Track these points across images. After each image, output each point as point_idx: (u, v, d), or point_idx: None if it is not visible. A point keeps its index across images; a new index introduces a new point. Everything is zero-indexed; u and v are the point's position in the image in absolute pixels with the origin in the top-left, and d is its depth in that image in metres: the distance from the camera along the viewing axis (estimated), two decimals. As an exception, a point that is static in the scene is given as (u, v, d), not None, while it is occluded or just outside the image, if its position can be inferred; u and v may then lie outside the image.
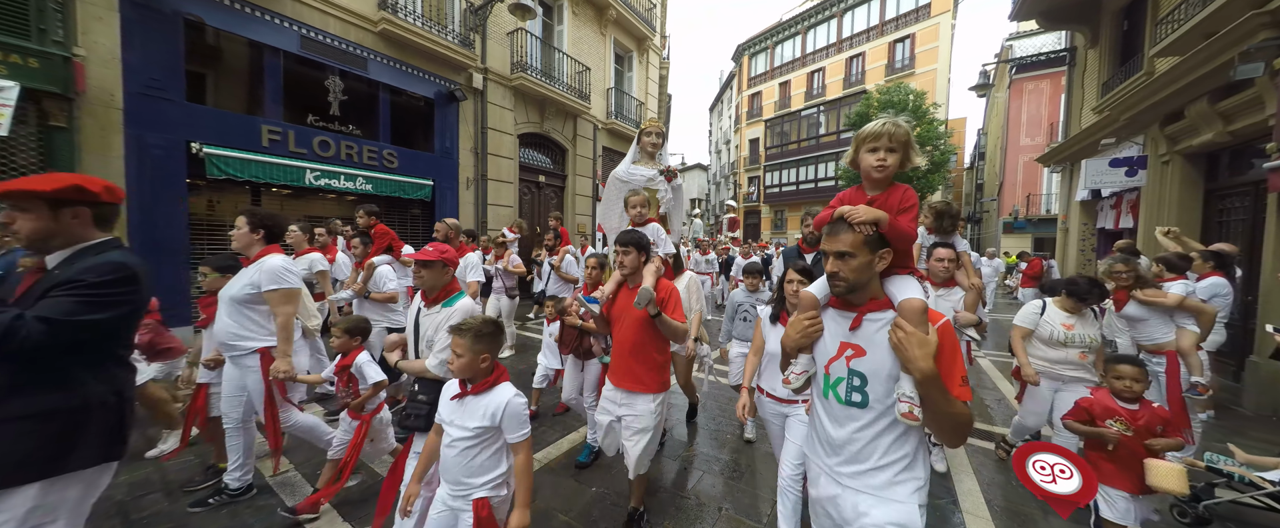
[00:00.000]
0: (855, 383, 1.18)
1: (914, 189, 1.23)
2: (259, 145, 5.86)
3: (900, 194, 1.19)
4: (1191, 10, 5.19)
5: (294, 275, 2.41)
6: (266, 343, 2.37)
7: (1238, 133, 4.83)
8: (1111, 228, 7.84)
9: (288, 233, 3.92)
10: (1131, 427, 1.91)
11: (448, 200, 8.30)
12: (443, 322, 1.95)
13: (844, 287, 1.15)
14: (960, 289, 2.82)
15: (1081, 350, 2.66)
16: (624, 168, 3.27)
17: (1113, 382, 2.03)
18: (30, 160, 4.29)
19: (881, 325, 1.15)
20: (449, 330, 1.66)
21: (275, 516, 2.31)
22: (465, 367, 1.56)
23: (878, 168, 1.18)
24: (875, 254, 1.13)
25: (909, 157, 1.18)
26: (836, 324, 1.23)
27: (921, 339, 1.05)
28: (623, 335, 2.23)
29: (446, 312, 1.99)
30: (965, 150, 27.64)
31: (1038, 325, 2.79)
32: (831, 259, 1.15)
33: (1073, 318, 2.70)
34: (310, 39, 6.26)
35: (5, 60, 3.99)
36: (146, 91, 4.91)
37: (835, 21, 23.20)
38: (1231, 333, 3.96)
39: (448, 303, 2.03)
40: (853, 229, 1.12)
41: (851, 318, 1.20)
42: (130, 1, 4.75)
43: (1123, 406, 1.99)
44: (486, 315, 1.73)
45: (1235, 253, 3.94)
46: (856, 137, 1.24)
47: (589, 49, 11.15)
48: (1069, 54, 9.56)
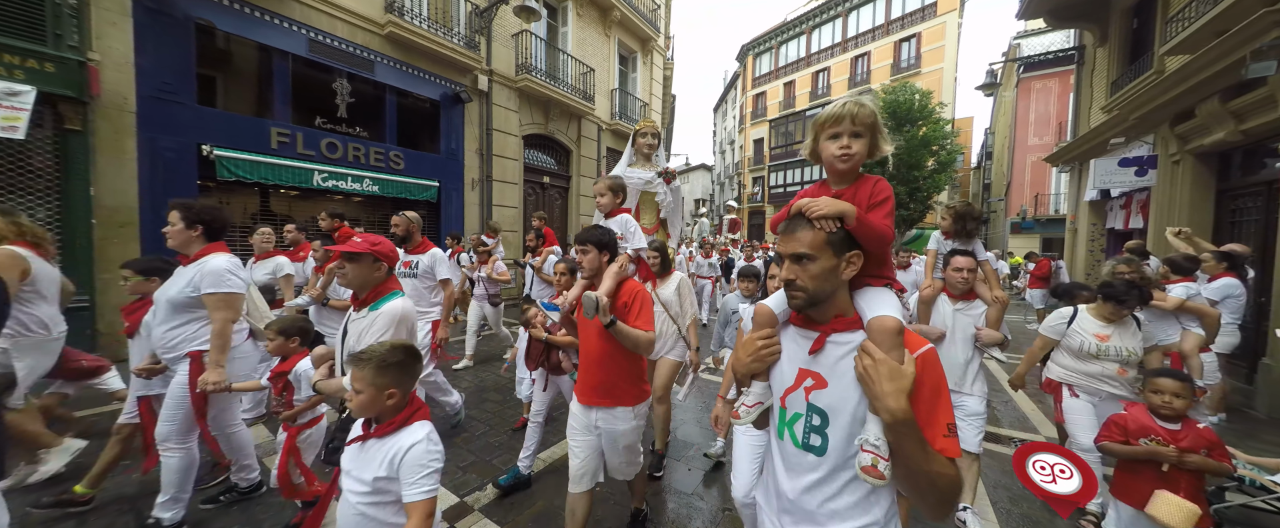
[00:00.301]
0: (814, 422, 0.95)
1: (888, 181, 1.03)
2: (268, 147, 5.94)
3: (871, 187, 1.01)
4: (1202, 8, 5.12)
5: (237, 279, 2.19)
6: (201, 347, 2.17)
7: (1250, 132, 4.76)
8: (1121, 228, 7.75)
9: (257, 234, 3.74)
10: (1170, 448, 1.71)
11: (453, 202, 8.36)
12: (366, 329, 1.69)
13: (803, 298, 0.93)
14: (982, 302, 2.46)
15: (1119, 365, 2.32)
16: (620, 171, 3.17)
17: (1150, 397, 1.81)
18: (46, 163, 4.39)
19: (848, 350, 0.93)
20: (348, 360, 1.34)
21: (283, 513, 2.34)
22: (365, 405, 1.26)
23: (841, 157, 1.00)
24: (841, 258, 0.92)
25: (878, 142, 1.01)
26: (796, 346, 1.01)
27: (893, 369, 0.84)
28: (588, 346, 1.97)
29: (371, 316, 1.71)
30: (972, 150, 27.40)
31: (1066, 336, 2.47)
32: (787, 263, 0.94)
33: (1109, 327, 2.38)
34: (318, 42, 6.35)
35: (22, 65, 4.08)
36: (159, 95, 5.00)
37: (840, 21, 23.11)
38: (1244, 335, 3.91)
39: (376, 305, 1.74)
40: (812, 226, 0.92)
41: (814, 339, 0.98)
42: (143, 6, 4.84)
43: (1162, 425, 1.75)
44: (398, 340, 1.42)
45: (1248, 253, 3.89)
46: (814, 122, 1.04)
47: (593, 50, 11.19)
48: (1077, 52, 9.47)
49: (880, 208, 0.99)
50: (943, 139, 15.65)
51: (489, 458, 3.01)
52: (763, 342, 1.03)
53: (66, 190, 4.45)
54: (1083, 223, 9.29)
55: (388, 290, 1.80)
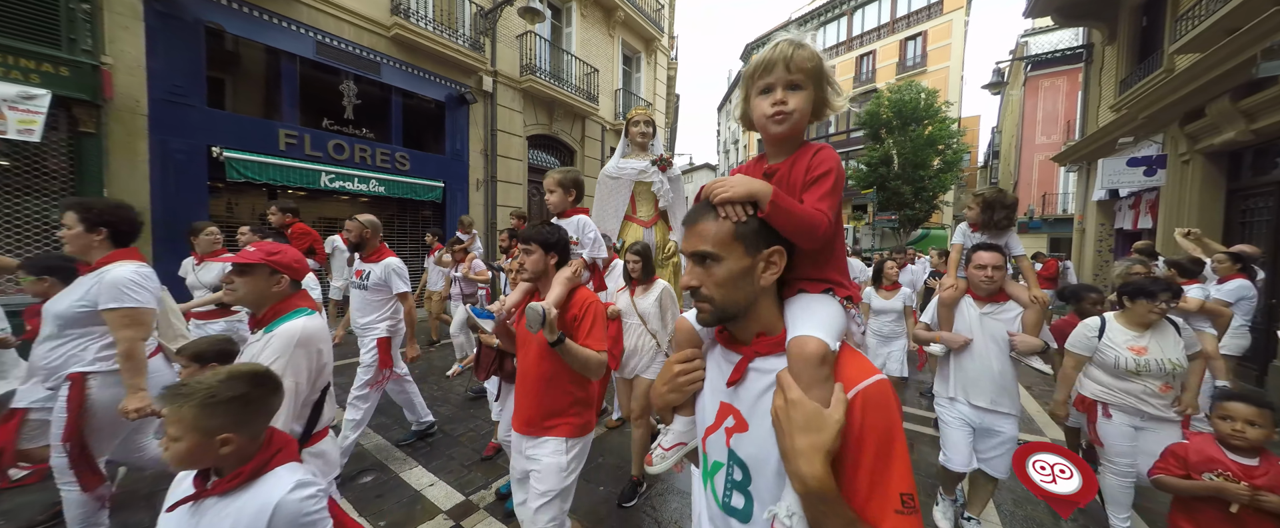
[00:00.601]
0: (735, 476, 0.74)
1: (834, 149, 0.80)
2: (276, 149, 6.02)
3: (810, 158, 0.76)
4: (1212, 6, 5.06)
5: (145, 291, 1.86)
6: (86, 369, 1.84)
7: (1261, 131, 4.71)
8: (1129, 228, 7.68)
9: (203, 233, 3.38)
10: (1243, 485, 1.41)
11: (458, 202, 8.42)
12: (256, 358, 1.36)
13: (710, 311, 0.73)
14: (1017, 304, 2.12)
15: (1162, 381, 1.99)
16: (614, 163, 2.98)
17: (1218, 424, 1.51)
18: (61, 166, 4.47)
19: (772, 382, 0.70)
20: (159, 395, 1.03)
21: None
22: (185, 456, 0.94)
23: (776, 117, 0.76)
24: (757, 256, 0.70)
25: (826, 97, 0.78)
26: (719, 373, 0.80)
27: (809, 416, 0.60)
28: (526, 365, 1.66)
29: (264, 340, 1.39)
30: (979, 149, 27.18)
31: (1098, 351, 2.14)
32: (689, 265, 0.74)
33: (1143, 336, 2.05)
34: (325, 44, 6.41)
35: (37, 69, 4.16)
36: (170, 98, 5.07)
37: (845, 20, 22.99)
38: (1255, 337, 3.86)
39: (271, 327, 1.41)
40: (717, 214, 0.71)
41: (736, 362, 0.76)
42: (154, 10, 4.91)
43: (1232, 458, 1.47)
44: (243, 367, 1.07)
45: (1257, 254, 3.84)
46: (743, 75, 0.82)
47: (597, 50, 11.22)
48: (1086, 51, 9.38)
49: (817, 186, 0.74)
50: (949, 138, 15.54)
51: (495, 458, 3.04)
52: (681, 366, 0.82)
53: (80, 192, 4.53)
54: (1091, 223, 9.21)
55: (290, 309, 1.47)
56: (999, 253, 2.10)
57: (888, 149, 15.39)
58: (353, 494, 2.55)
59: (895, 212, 16.16)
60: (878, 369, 0.69)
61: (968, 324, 2.17)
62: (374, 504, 2.49)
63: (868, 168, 15.97)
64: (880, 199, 15.94)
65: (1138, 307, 2.03)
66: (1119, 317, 2.15)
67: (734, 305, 0.72)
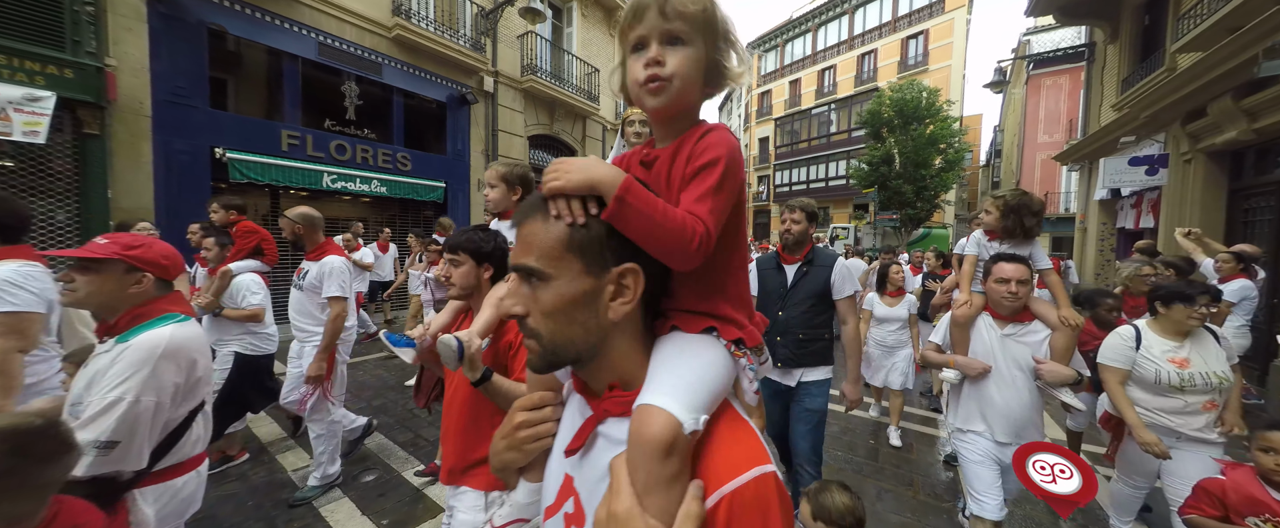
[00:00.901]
0: None
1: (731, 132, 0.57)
2: (279, 150, 6.04)
3: (695, 142, 0.55)
4: (1215, 5, 5.05)
5: (26, 293, 1.62)
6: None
7: (1263, 131, 4.70)
8: (1132, 228, 7.67)
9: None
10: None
11: (459, 202, 8.44)
12: (100, 374, 1.14)
13: (537, 352, 0.52)
14: (1043, 326, 1.84)
15: (1207, 398, 1.76)
16: None
17: (1261, 458, 1.35)
18: (66, 167, 4.50)
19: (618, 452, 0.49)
20: None
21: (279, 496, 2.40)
22: None
23: (650, 84, 0.55)
24: (602, 277, 0.50)
25: (720, 55, 0.58)
26: (572, 429, 0.58)
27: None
28: (451, 400, 1.40)
29: (115, 351, 1.17)
30: (981, 148, 27.15)
31: (1136, 365, 1.88)
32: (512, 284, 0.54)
33: (1183, 346, 1.82)
34: (327, 45, 6.44)
35: (42, 71, 4.19)
36: (173, 99, 5.10)
37: (846, 18, 22.95)
38: (1256, 337, 3.87)
39: (126, 336, 1.19)
40: (546, 216, 0.50)
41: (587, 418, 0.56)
42: (158, 13, 4.94)
43: (1277, 497, 1.29)
44: (9, 423, 0.85)
45: (1258, 254, 3.85)
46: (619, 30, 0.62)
47: (598, 50, 11.23)
48: (1088, 49, 9.36)
49: (697, 181, 0.53)
50: (950, 137, 15.51)
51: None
52: (524, 416, 0.62)
53: (85, 193, 4.56)
54: (1093, 222, 9.19)
55: (155, 314, 1.24)
56: (1024, 265, 1.82)
57: (889, 148, 15.37)
58: (355, 494, 2.57)
59: (897, 211, 16.14)
60: (764, 456, 0.47)
61: (987, 347, 1.88)
62: (376, 503, 2.51)
63: (869, 167, 15.97)
64: (882, 198, 15.93)
65: (1174, 312, 1.81)
66: (1153, 324, 1.91)
67: (569, 345, 0.50)
